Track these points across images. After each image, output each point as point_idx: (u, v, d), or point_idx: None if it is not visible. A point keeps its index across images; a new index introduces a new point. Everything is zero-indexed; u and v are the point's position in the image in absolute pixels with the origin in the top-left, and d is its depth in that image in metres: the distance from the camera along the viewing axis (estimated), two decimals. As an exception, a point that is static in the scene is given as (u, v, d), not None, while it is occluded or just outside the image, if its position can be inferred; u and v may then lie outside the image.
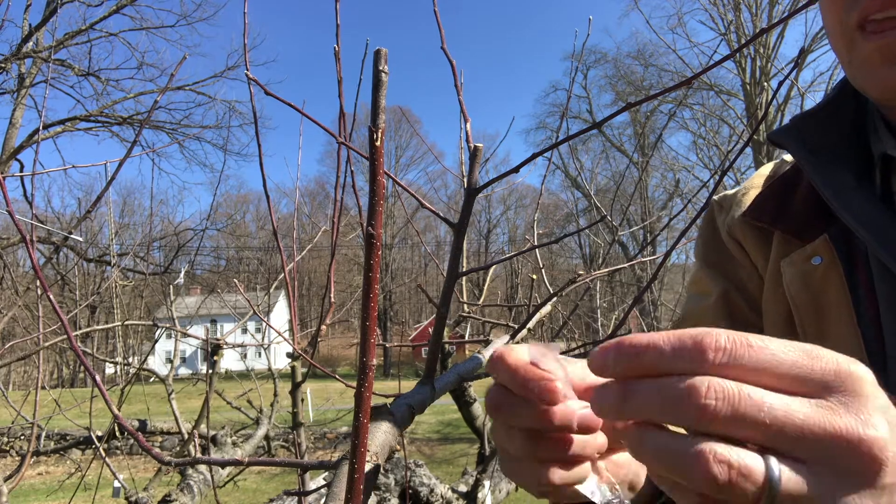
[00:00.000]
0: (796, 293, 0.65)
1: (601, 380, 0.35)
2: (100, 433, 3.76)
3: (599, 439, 0.44)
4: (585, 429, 0.42)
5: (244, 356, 4.50)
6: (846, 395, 0.31)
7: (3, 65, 13.90)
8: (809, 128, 0.70)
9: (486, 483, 2.50)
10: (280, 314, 29.30)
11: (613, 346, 0.34)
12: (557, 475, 0.43)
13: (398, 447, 0.78)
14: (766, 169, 0.81)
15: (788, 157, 0.79)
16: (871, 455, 0.30)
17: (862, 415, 0.30)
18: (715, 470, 0.30)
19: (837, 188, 0.63)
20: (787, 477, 0.30)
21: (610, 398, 0.34)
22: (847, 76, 0.65)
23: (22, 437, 10.05)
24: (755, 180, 0.80)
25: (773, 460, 0.30)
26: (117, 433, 3.90)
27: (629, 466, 0.49)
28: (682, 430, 0.32)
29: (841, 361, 0.32)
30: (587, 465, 0.44)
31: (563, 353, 0.47)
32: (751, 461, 0.30)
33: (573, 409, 0.41)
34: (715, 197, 0.84)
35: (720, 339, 0.32)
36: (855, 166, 0.65)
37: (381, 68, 0.33)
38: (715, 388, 0.30)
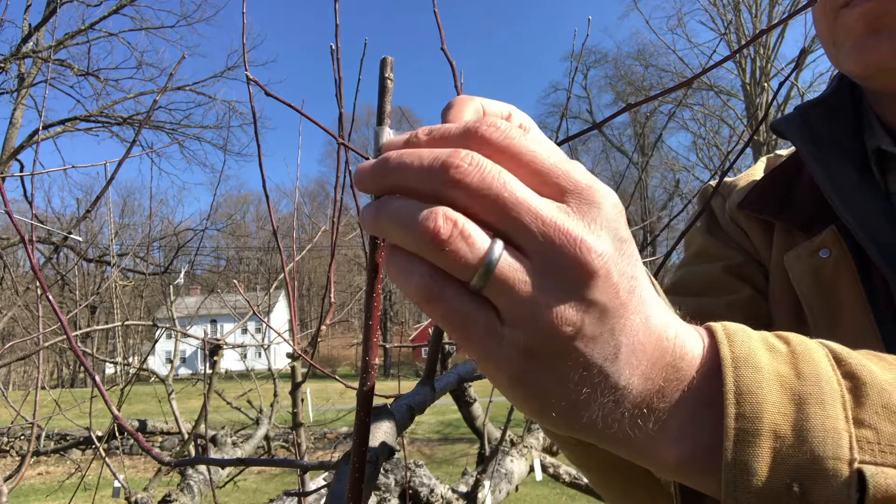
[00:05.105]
0: (807, 289, 0.61)
1: None
2: (100, 433, 3.77)
3: None
4: None
5: (244, 356, 4.50)
6: (582, 204, 0.31)
7: (3, 65, 13.90)
8: (813, 118, 0.66)
9: (486, 483, 2.50)
10: (280, 314, 29.29)
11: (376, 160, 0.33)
12: None
13: (398, 447, 0.78)
14: (759, 166, 0.78)
15: (783, 152, 0.77)
16: (587, 260, 0.29)
17: (590, 222, 0.31)
18: (440, 222, 0.29)
19: (839, 184, 0.60)
20: (507, 260, 0.30)
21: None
22: (833, 63, 0.63)
23: (22, 437, 10.05)
24: (752, 171, 0.78)
25: (499, 241, 0.30)
26: (117, 433, 3.90)
27: None
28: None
29: (588, 176, 0.32)
30: None
31: None
32: (477, 231, 0.30)
33: None
34: (711, 182, 0.81)
35: (497, 122, 0.32)
36: (858, 162, 0.62)
37: (386, 75, 0.34)
38: (473, 156, 0.30)
